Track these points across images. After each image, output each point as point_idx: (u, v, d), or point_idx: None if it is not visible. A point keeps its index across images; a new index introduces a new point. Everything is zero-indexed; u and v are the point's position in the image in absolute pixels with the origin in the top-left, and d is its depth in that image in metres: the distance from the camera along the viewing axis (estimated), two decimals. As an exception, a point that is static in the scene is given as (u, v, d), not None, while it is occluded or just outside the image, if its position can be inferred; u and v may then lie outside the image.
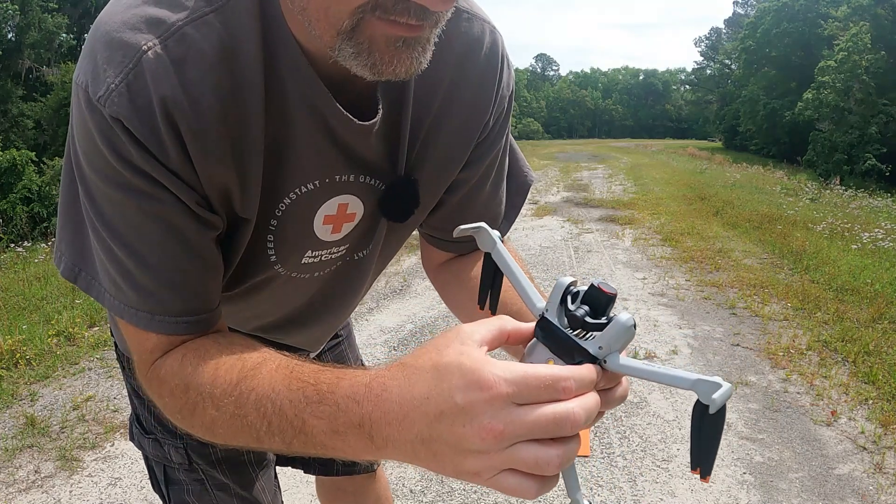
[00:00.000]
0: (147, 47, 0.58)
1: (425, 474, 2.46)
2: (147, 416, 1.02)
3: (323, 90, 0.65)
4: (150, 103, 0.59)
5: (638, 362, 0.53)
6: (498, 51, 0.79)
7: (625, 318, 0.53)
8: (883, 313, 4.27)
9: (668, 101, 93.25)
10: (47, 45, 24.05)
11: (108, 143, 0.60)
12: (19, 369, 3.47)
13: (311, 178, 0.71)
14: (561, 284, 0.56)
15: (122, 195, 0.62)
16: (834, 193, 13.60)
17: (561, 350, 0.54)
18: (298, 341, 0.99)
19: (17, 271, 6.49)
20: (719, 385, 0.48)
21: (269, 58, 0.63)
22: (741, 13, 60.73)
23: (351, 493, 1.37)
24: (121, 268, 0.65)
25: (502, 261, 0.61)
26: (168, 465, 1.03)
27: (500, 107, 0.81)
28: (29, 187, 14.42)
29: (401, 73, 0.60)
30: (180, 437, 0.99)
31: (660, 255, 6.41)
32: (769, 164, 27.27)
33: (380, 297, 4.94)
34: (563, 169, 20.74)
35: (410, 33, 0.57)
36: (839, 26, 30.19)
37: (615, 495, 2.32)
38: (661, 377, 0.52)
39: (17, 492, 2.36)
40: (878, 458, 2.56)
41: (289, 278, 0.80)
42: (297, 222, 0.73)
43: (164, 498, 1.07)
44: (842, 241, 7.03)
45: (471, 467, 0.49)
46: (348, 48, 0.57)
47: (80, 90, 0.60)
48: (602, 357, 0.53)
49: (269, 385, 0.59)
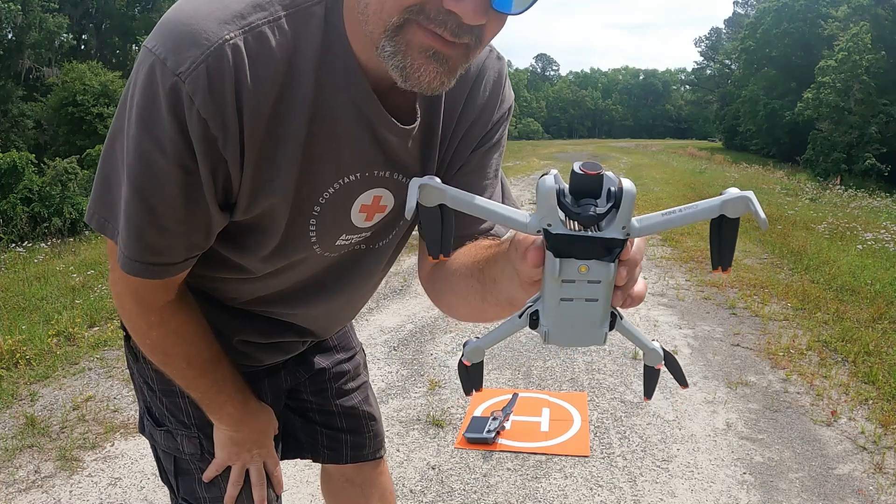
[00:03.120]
0: (229, 37, 0.67)
1: (425, 474, 2.46)
2: (160, 408, 1.07)
3: (371, 95, 0.76)
4: (224, 89, 0.67)
5: (657, 217, 0.55)
6: (504, 72, 0.93)
7: (628, 185, 0.53)
8: (883, 313, 4.26)
9: (668, 101, 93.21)
10: (48, 46, 24.05)
11: (174, 113, 0.68)
12: (19, 369, 3.47)
13: (354, 171, 0.81)
14: (550, 190, 0.53)
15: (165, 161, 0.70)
16: (834, 193, 13.59)
17: (590, 253, 0.53)
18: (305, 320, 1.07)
19: (17, 271, 6.50)
20: (743, 197, 0.52)
21: (324, 62, 0.73)
22: (741, 13, 60.72)
23: (359, 485, 1.38)
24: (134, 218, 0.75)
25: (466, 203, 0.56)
26: (179, 456, 1.08)
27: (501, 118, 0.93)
28: (29, 188, 14.42)
29: (425, 83, 0.68)
30: (195, 427, 1.05)
31: (660, 254, 6.42)
32: (769, 164, 27.27)
33: (380, 297, 4.94)
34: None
35: (442, 48, 0.66)
36: (839, 26, 30.19)
37: (615, 495, 2.32)
38: (687, 218, 0.54)
39: (17, 492, 2.36)
40: (878, 458, 2.56)
41: (321, 257, 0.91)
42: (338, 208, 0.84)
43: (173, 489, 1.11)
44: (842, 241, 7.03)
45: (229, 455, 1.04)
46: (389, 46, 0.66)
47: (158, 61, 0.67)
48: (629, 234, 0.54)
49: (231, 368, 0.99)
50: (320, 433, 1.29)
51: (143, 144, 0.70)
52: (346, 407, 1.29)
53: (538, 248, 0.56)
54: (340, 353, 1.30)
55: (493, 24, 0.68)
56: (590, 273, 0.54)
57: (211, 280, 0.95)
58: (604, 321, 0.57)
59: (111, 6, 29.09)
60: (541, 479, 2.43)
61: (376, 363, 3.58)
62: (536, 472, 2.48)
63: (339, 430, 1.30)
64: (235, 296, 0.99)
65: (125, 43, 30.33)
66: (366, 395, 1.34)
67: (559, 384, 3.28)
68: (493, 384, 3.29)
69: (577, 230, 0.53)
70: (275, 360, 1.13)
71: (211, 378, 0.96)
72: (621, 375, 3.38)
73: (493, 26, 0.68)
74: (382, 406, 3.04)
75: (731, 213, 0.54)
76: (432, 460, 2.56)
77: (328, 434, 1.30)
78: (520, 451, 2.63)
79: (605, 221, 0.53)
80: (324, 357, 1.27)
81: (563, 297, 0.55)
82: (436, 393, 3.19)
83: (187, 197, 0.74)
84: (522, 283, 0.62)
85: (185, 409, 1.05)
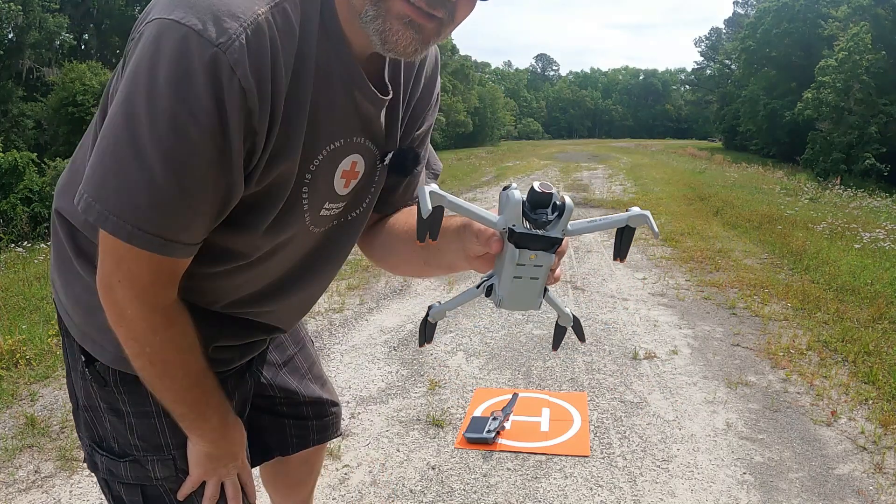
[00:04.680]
0: (261, 12, 0.72)
1: (425, 474, 2.46)
2: (125, 436, 1.00)
3: (358, 69, 0.85)
4: (263, 61, 0.72)
5: (583, 222, 0.82)
6: (439, 56, 1.06)
7: (568, 202, 0.78)
8: (883, 313, 4.26)
9: (668, 101, 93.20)
10: (48, 46, 24.03)
11: (213, 83, 0.69)
12: (19, 369, 3.47)
13: (338, 137, 0.88)
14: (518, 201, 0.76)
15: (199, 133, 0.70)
16: (833, 193, 13.59)
17: (539, 246, 0.77)
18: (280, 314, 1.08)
19: (17, 271, 6.49)
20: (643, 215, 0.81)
21: (321, 35, 0.80)
22: (741, 13, 60.70)
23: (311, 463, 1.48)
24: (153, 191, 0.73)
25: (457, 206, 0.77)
26: (148, 483, 1.02)
27: (437, 96, 1.07)
28: (30, 188, 14.40)
29: (401, 48, 0.77)
30: (170, 448, 1.00)
31: (660, 255, 6.42)
32: (769, 164, 27.26)
33: (380, 297, 4.94)
34: (563, 169, 20.73)
35: (418, 18, 0.76)
36: (839, 26, 30.17)
37: (615, 495, 2.32)
38: (602, 225, 0.82)
39: (17, 492, 2.36)
40: (878, 458, 2.56)
41: (307, 234, 0.95)
42: (325, 175, 0.89)
43: None
44: (842, 241, 7.03)
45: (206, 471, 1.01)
46: (371, 11, 0.75)
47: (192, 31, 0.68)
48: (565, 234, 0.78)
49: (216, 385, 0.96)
50: (288, 425, 1.35)
51: (176, 116, 0.69)
52: (310, 396, 1.36)
53: (499, 239, 0.79)
54: (292, 347, 1.35)
55: (465, 4, 0.79)
56: (537, 260, 0.78)
57: (200, 278, 0.91)
58: (541, 293, 0.83)
59: (111, 6, 29.08)
60: (541, 479, 2.43)
61: (376, 363, 3.58)
62: (536, 472, 2.48)
63: (305, 417, 1.36)
64: (218, 296, 0.97)
65: (125, 43, 30.26)
66: (323, 381, 1.41)
67: (559, 384, 3.28)
68: (493, 384, 3.30)
69: (531, 230, 0.76)
70: (243, 361, 1.12)
71: (201, 389, 0.93)
72: (621, 375, 3.38)
73: (465, 7, 0.79)
74: (382, 406, 3.05)
75: (633, 224, 0.82)
76: (432, 460, 2.56)
77: (296, 424, 1.35)
78: (520, 451, 2.63)
79: (550, 225, 0.77)
80: (278, 352, 1.32)
81: (515, 276, 0.79)
82: (436, 393, 3.19)
83: (218, 170, 0.74)
84: (468, 257, 0.86)
85: (160, 430, 1.00)
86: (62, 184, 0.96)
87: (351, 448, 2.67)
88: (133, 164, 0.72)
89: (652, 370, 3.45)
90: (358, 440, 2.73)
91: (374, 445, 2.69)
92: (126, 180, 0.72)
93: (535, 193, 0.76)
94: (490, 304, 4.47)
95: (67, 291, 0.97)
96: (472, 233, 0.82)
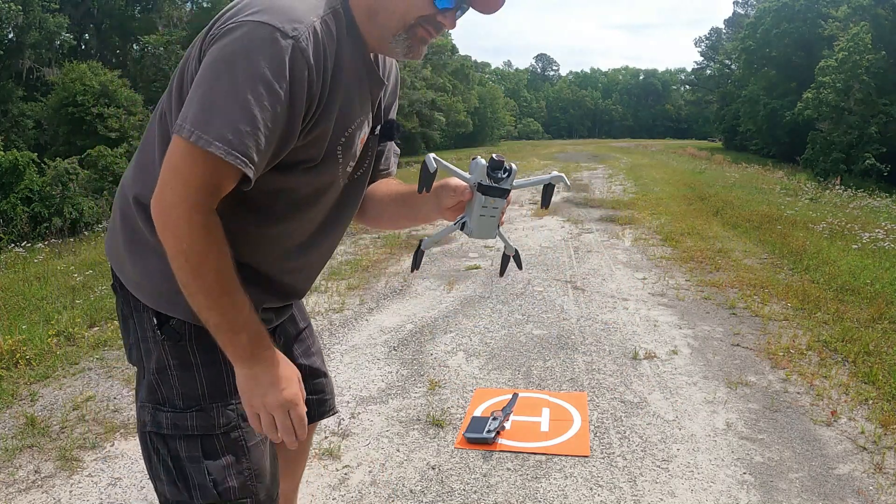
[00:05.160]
0: (315, 21, 1.06)
1: (425, 474, 2.46)
2: (194, 388, 1.16)
3: (372, 65, 1.21)
4: (321, 49, 1.06)
5: (522, 180, 1.23)
6: None
7: (514, 167, 1.21)
8: (883, 313, 4.26)
9: (668, 101, 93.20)
10: (48, 46, 24.03)
11: (293, 61, 1.01)
12: (19, 369, 3.47)
13: (361, 114, 1.21)
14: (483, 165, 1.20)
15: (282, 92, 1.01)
16: (833, 193, 13.59)
17: (498, 194, 1.21)
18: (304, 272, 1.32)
19: (17, 271, 6.49)
20: (560, 175, 1.24)
21: (349, 39, 1.13)
22: (741, 13, 60.68)
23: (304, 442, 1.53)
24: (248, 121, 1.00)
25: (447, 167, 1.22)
26: (209, 433, 1.16)
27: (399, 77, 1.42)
28: (30, 187, 14.40)
29: (416, 56, 1.18)
30: (231, 395, 1.17)
31: (660, 255, 6.42)
32: (769, 164, 27.25)
33: (380, 297, 4.94)
34: (562, 169, 20.72)
35: (429, 39, 1.17)
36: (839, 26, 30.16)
37: (615, 495, 2.32)
38: (534, 182, 1.24)
39: (17, 492, 2.36)
40: (878, 458, 2.56)
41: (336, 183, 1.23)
42: (353, 139, 1.20)
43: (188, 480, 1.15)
44: (842, 241, 7.03)
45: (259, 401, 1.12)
46: (403, 34, 1.14)
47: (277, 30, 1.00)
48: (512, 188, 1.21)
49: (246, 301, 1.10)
50: None
51: (265, 76, 0.99)
52: (312, 368, 1.48)
53: (470, 191, 1.23)
54: (301, 322, 1.49)
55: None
56: (494, 203, 1.21)
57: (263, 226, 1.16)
58: (497, 227, 1.25)
59: (111, 6, 29.07)
60: (541, 479, 2.43)
61: (376, 363, 3.58)
62: (536, 472, 2.48)
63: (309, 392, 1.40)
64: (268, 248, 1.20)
65: (125, 43, 30.28)
66: (322, 357, 1.56)
67: (559, 384, 3.28)
68: (493, 384, 3.30)
69: (492, 184, 1.20)
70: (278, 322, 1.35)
71: (233, 298, 1.06)
72: (621, 375, 3.38)
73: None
74: (382, 406, 3.05)
75: (553, 182, 1.24)
76: (432, 460, 2.56)
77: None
78: (520, 451, 2.63)
79: (503, 181, 1.20)
80: (290, 324, 1.46)
81: (480, 214, 1.22)
82: (436, 393, 3.19)
83: (285, 117, 1.03)
84: (440, 209, 1.28)
85: (226, 378, 1.16)
86: (135, 173, 1.19)
87: (351, 448, 2.67)
88: (226, 100, 0.99)
89: (652, 370, 3.45)
90: (358, 440, 2.73)
91: (374, 445, 2.69)
92: (220, 110, 0.99)
93: (493, 161, 1.19)
94: (490, 306, 4.54)
95: (141, 267, 1.17)
96: (449, 189, 1.25)
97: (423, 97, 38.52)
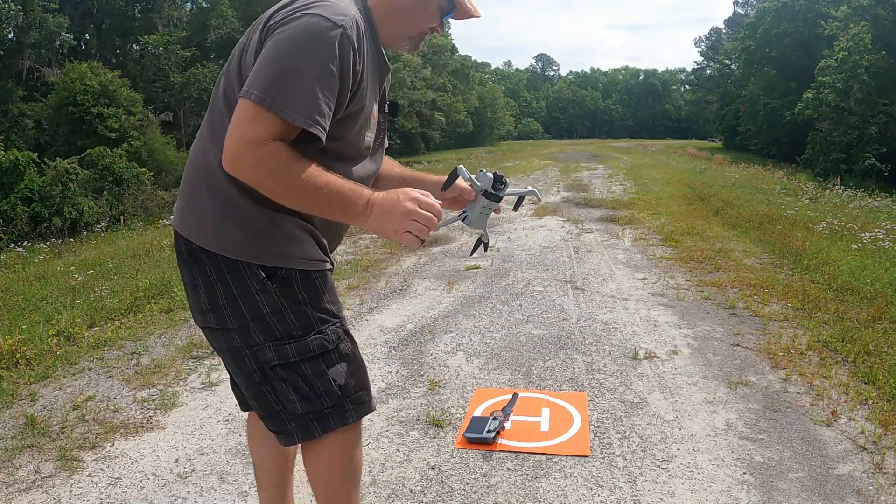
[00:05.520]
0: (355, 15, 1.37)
1: (425, 474, 2.46)
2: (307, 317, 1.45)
3: (384, 56, 1.52)
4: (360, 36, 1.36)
5: (511, 189, 1.67)
6: None
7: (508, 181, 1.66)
8: (883, 313, 4.26)
9: (668, 101, 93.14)
10: (48, 46, 24.01)
11: (341, 45, 1.30)
12: (19, 369, 3.47)
13: (377, 94, 1.53)
14: (490, 178, 1.63)
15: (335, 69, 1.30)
16: (833, 193, 13.59)
17: (495, 199, 1.64)
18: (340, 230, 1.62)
19: (16, 271, 6.50)
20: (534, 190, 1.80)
21: (367, 32, 1.42)
22: (741, 13, 60.67)
23: None
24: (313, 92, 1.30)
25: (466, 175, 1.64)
26: (327, 350, 1.48)
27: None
28: (30, 187, 14.40)
29: (418, 50, 1.58)
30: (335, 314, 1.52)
31: (660, 255, 6.41)
32: (769, 164, 27.24)
33: (380, 297, 4.94)
34: (563, 169, 20.72)
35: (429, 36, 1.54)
36: (839, 26, 30.15)
37: (615, 495, 2.32)
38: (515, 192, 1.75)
39: (17, 492, 2.36)
40: (878, 458, 2.56)
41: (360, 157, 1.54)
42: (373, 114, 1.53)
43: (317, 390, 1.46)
44: (842, 241, 7.03)
45: (394, 226, 1.38)
46: (416, 37, 1.53)
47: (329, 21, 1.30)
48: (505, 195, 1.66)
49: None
50: None
51: (324, 60, 1.28)
52: None
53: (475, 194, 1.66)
54: None
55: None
56: (492, 206, 1.65)
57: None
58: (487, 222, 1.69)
59: (111, 6, 29.05)
60: (541, 479, 2.43)
61: (376, 363, 3.58)
62: (536, 472, 2.48)
63: None
64: None
65: (125, 43, 30.25)
66: None
67: (559, 384, 3.28)
68: (494, 384, 3.30)
69: (493, 192, 1.63)
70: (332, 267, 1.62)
71: (328, 190, 1.32)
72: (621, 375, 3.38)
73: None
74: (382, 406, 3.04)
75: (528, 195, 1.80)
76: (432, 460, 2.56)
77: None
78: (520, 451, 2.63)
79: (500, 190, 1.63)
80: None
81: (480, 212, 1.66)
82: (436, 393, 3.19)
83: (341, 90, 1.33)
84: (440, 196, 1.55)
85: (327, 298, 1.49)
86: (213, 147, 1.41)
87: (351, 448, 2.66)
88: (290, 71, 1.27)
89: (652, 370, 3.45)
90: (358, 440, 2.73)
91: (374, 445, 2.69)
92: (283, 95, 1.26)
93: (497, 175, 1.63)
94: (490, 306, 4.58)
95: (245, 230, 1.41)
96: (457, 188, 1.67)
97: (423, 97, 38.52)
